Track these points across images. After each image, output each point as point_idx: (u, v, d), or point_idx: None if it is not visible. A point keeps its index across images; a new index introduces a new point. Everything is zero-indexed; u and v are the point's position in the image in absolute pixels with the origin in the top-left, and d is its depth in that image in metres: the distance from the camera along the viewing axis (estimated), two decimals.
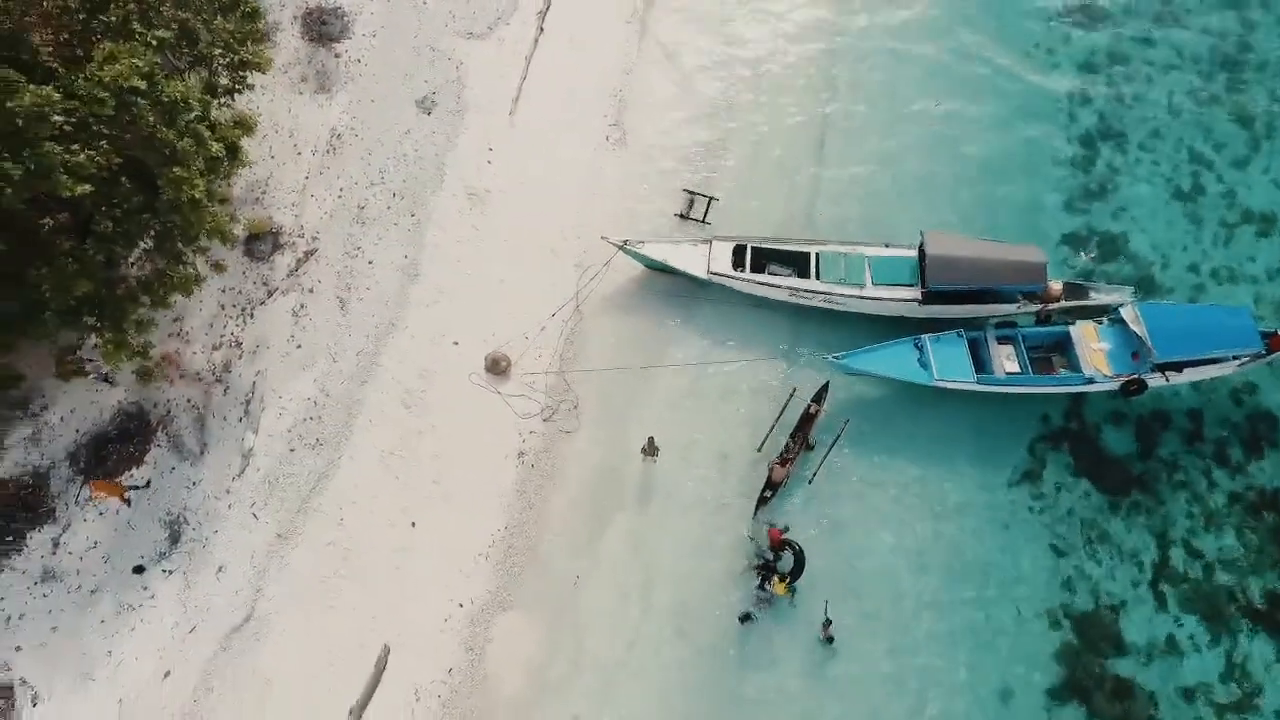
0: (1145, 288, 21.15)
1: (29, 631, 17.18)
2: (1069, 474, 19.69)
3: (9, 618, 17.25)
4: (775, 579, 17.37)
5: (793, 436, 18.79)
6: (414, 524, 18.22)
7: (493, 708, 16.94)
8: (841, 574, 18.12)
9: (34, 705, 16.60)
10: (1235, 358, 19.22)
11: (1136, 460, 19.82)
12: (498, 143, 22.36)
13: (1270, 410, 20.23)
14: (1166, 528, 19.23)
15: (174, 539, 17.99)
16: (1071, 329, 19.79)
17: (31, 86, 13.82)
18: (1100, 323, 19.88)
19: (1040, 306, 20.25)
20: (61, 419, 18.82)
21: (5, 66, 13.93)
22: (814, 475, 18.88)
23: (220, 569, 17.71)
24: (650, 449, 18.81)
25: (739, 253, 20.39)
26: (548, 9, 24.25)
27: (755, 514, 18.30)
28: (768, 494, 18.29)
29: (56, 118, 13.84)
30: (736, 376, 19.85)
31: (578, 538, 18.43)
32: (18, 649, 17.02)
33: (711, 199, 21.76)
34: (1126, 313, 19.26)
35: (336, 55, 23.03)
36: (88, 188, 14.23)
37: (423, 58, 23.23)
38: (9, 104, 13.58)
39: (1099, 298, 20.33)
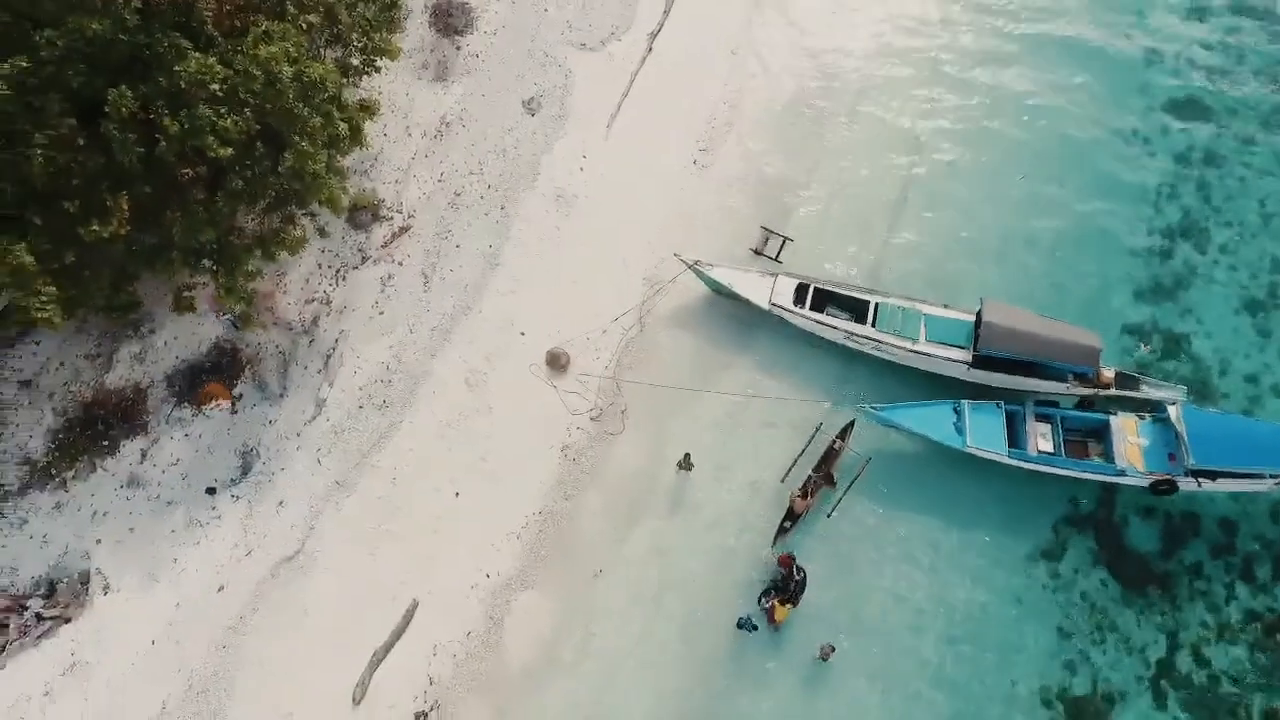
0: (1200, 392, 21.18)
1: (110, 528, 19.22)
2: (1089, 560, 19.93)
3: (95, 513, 19.33)
4: (777, 603, 18.21)
5: (815, 470, 19.59)
6: (458, 494, 19.66)
7: (500, 675, 18.25)
8: (844, 612, 18.85)
9: (104, 594, 18.61)
10: (1274, 477, 19.23)
11: (1160, 559, 19.92)
12: (591, 151, 23.66)
13: None
14: (1178, 630, 19.30)
15: (245, 469, 19.83)
16: (1113, 418, 19.99)
17: (197, 55, 15.62)
18: (1143, 418, 20.03)
19: (1089, 391, 20.56)
20: (165, 344, 20.87)
21: (177, 34, 15.75)
22: (833, 510, 19.65)
23: (281, 503, 19.46)
24: (686, 463, 19.87)
25: (801, 290, 21.23)
26: (659, 30, 25.44)
27: (775, 542, 19.18)
28: (787, 524, 19.15)
29: (213, 86, 15.59)
30: (779, 409, 20.68)
31: (605, 534, 19.60)
32: (98, 542, 19.07)
33: (786, 239, 22.56)
34: (1171, 412, 19.43)
35: (458, 48, 24.65)
36: (230, 150, 15.99)
37: (536, 61, 24.69)
38: (176, 68, 15.38)
39: (1150, 392, 20.50)
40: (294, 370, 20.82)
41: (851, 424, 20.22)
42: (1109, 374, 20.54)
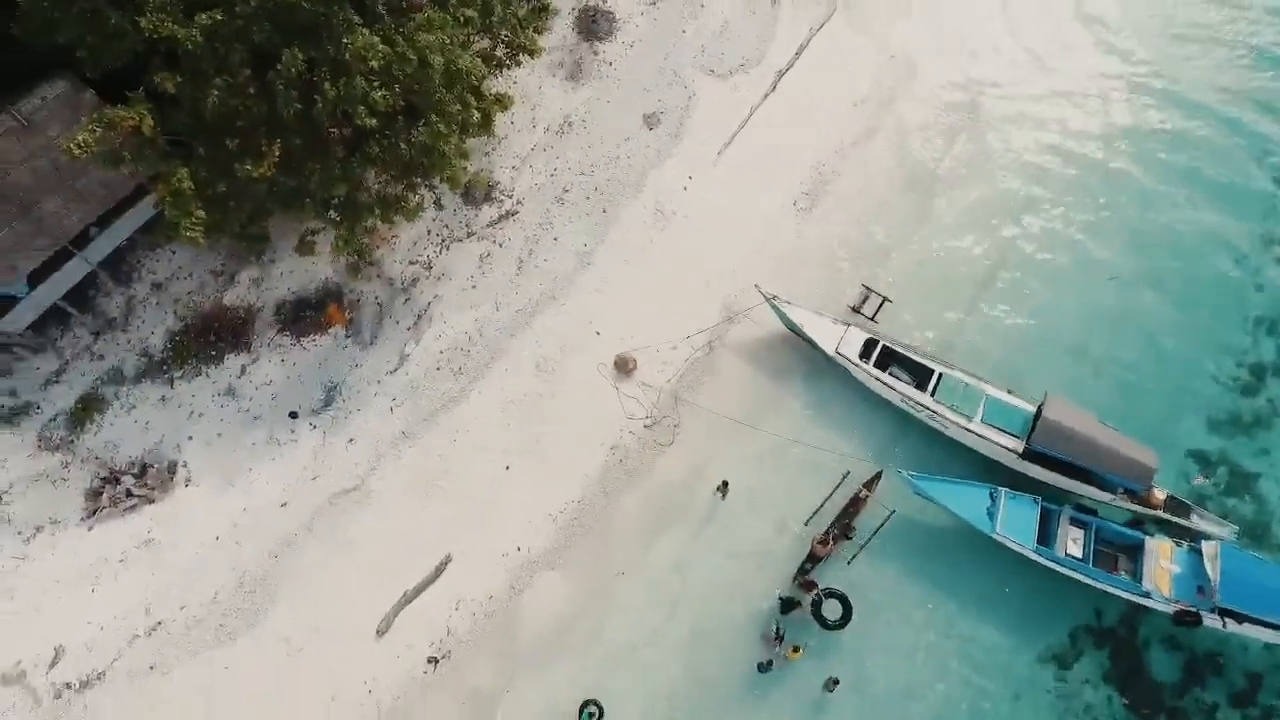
0: (1257, 536, 20.78)
1: (202, 429, 21.41)
2: (1100, 675, 19.86)
3: (192, 412, 21.55)
4: (791, 649, 19.01)
5: (837, 520, 20.21)
6: (508, 467, 21.08)
7: (510, 641, 19.58)
8: (847, 658, 19.43)
9: (185, 485, 20.79)
10: None
11: (1174, 692, 19.68)
12: (698, 174, 24.68)
13: None
14: None
15: (327, 402, 21.73)
16: (1149, 539, 19.83)
17: (364, 31, 17.34)
18: (1180, 544, 19.77)
19: (1136, 507, 20.42)
20: (281, 275, 22.98)
21: (350, 9, 17.51)
22: (853, 559, 20.23)
23: (351, 440, 21.27)
24: (723, 489, 20.78)
25: (870, 345, 21.73)
26: (787, 70, 26.22)
27: (794, 580, 19.91)
28: (808, 565, 19.85)
29: (373, 62, 17.30)
30: (823, 459, 21.28)
31: (634, 537, 20.67)
32: (190, 438, 21.28)
33: (886, 299, 22.87)
34: (1208, 547, 19.19)
35: (595, 53, 26.02)
36: (374, 121, 17.69)
37: (664, 79, 25.85)
38: (345, 40, 17.13)
39: (1199, 523, 20.20)
40: (387, 323, 22.61)
41: (879, 475, 20.72)
42: (1160, 495, 20.37)
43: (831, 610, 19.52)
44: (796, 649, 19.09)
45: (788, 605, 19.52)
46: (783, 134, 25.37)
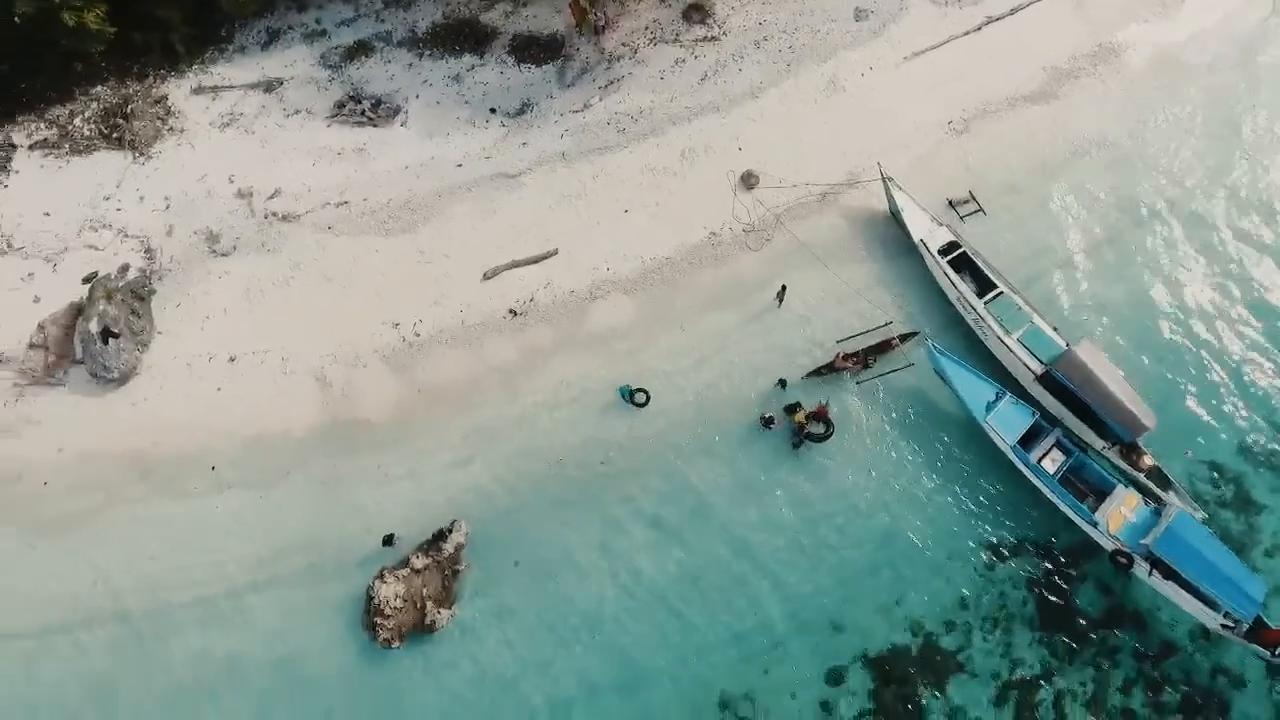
0: (1220, 528, 22.37)
1: (426, 94, 27.72)
2: (1026, 581, 22.16)
3: (425, 81, 27.84)
4: (801, 415, 22.71)
5: (866, 349, 23.68)
6: (626, 211, 25.91)
7: (572, 327, 24.46)
8: (817, 461, 23.12)
9: (400, 125, 27.14)
10: (1226, 615, 20.49)
11: (1087, 622, 21.75)
12: (879, 69, 28.20)
13: (1229, 702, 21.11)
14: (1055, 675, 21.32)
15: (520, 111, 27.39)
16: (1121, 487, 21.86)
17: None
18: (1147, 503, 21.73)
19: (1122, 462, 22.40)
20: (525, 17, 28.82)
21: None
22: (861, 383, 23.72)
23: (524, 144, 26.84)
24: (781, 296, 24.65)
25: (952, 246, 24.72)
26: (997, 19, 29.01)
27: (805, 376, 23.71)
28: (824, 370, 23.58)
29: None
30: (873, 314, 24.57)
31: (695, 302, 24.92)
32: (416, 96, 27.57)
33: (981, 210, 25.93)
34: (1169, 509, 21.14)
35: None
36: None
37: None
38: None
39: (1169, 498, 21.92)
40: (586, 78, 27.90)
41: (915, 334, 23.95)
42: (1148, 461, 22.34)
43: (816, 428, 23.05)
44: (804, 421, 22.60)
45: (792, 409, 23.11)
46: (967, 66, 28.31)
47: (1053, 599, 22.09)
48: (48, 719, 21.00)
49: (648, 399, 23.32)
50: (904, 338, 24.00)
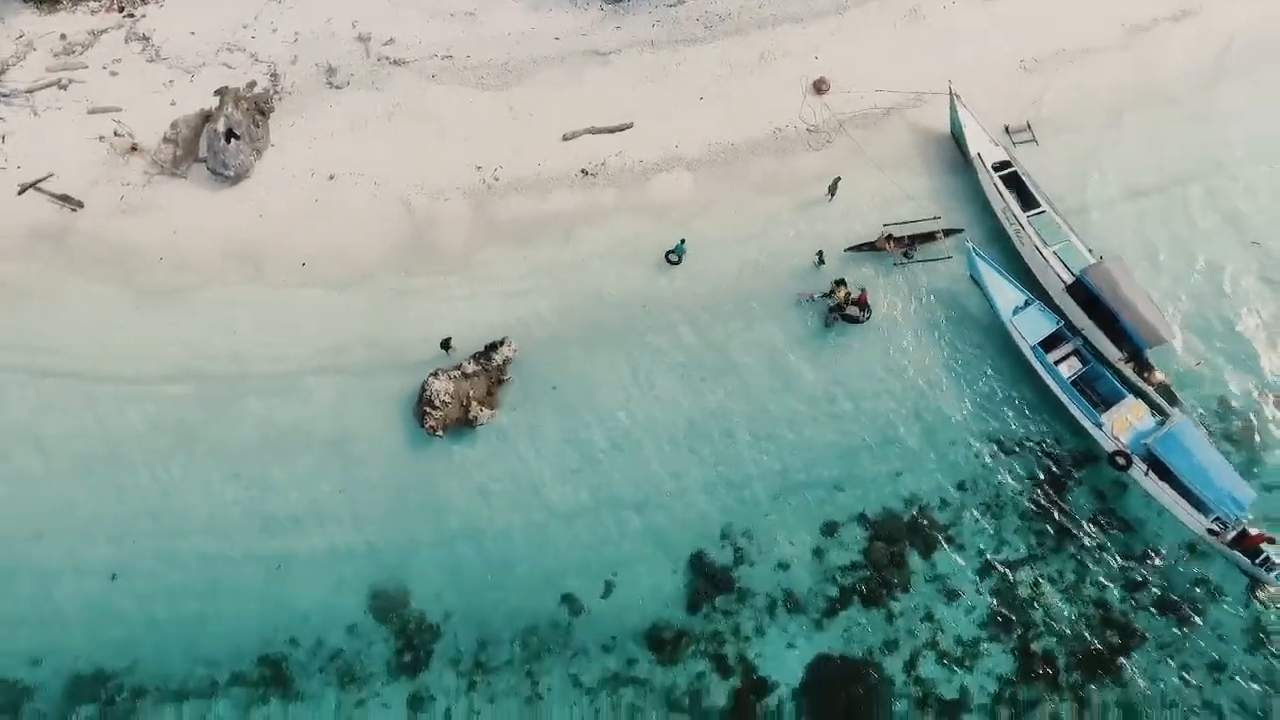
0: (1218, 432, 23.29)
1: None
2: (1025, 474, 23.55)
3: None
4: (843, 293, 24.45)
5: (912, 236, 25.35)
6: (701, 99, 27.90)
7: (635, 192, 26.61)
8: (848, 332, 24.89)
9: None
10: (1214, 520, 21.40)
11: (1075, 519, 23.03)
12: (961, 4, 29.44)
13: (1205, 609, 22.02)
14: (1040, 560, 22.71)
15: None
16: (1129, 396, 22.91)
17: None
18: (1154, 415, 22.78)
19: (1134, 375, 23.43)
20: None
21: None
22: (900, 266, 25.33)
23: (618, 28, 29.04)
24: (833, 189, 26.26)
25: (1004, 165, 25.95)
26: None
27: (846, 250, 25.49)
28: (864, 247, 25.32)
29: None
30: (920, 219, 26.05)
31: (751, 185, 26.76)
32: None
33: (1035, 141, 27.11)
34: (1174, 417, 22.12)
35: None
36: None
37: None
38: None
39: (1173, 412, 22.81)
40: None
41: (960, 230, 25.40)
42: (1160, 376, 23.39)
43: (853, 310, 24.67)
44: (848, 300, 24.34)
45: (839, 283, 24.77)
46: (1050, 11, 29.32)
47: (1047, 495, 23.35)
48: (142, 453, 24.07)
49: (680, 257, 25.23)
50: (949, 232, 25.43)
